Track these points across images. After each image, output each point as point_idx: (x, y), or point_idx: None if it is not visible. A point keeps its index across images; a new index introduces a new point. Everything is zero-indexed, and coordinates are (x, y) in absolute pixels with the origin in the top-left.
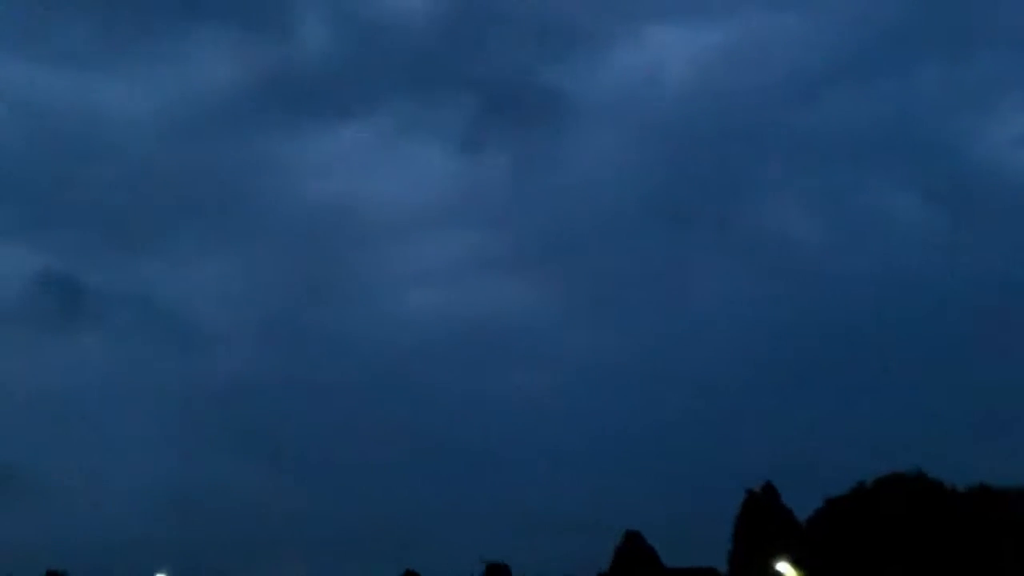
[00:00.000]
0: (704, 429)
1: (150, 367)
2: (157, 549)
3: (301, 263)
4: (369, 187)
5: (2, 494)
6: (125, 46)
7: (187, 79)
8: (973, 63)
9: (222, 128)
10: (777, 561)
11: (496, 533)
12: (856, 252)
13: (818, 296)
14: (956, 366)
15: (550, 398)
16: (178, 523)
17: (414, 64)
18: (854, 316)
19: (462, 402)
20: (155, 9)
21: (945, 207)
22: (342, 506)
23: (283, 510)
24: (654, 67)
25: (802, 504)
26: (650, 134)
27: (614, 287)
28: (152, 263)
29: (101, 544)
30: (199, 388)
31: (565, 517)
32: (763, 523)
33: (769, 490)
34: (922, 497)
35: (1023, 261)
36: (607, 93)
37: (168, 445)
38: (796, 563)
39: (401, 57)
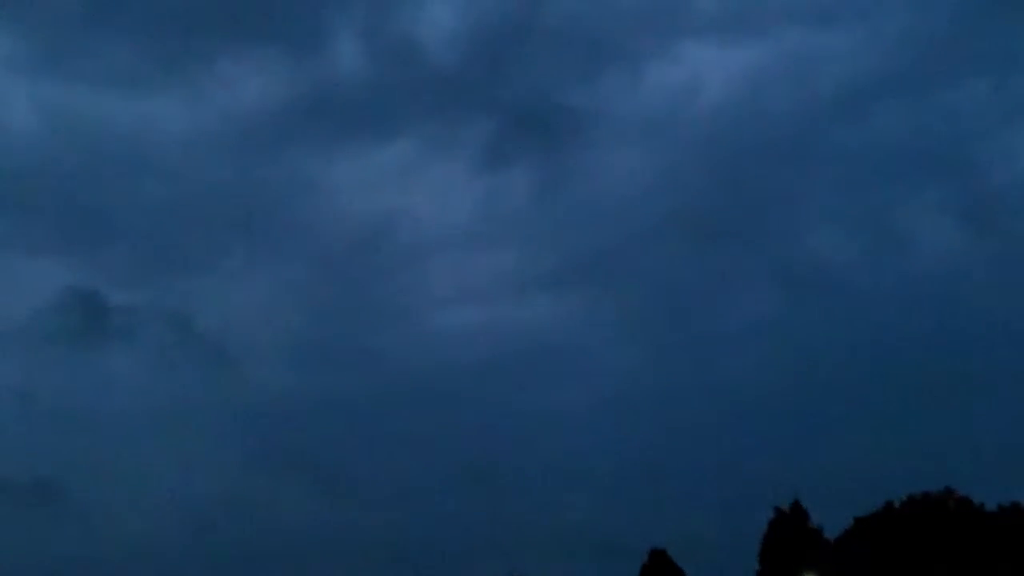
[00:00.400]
0: (733, 446)
1: (187, 386)
2: (188, 568)
3: (338, 282)
4: (406, 206)
5: (39, 510)
6: (167, 65)
7: (227, 99)
8: (1019, 80)
9: (260, 148)
10: None
11: (524, 552)
12: (890, 271)
13: (850, 315)
14: (986, 385)
15: (582, 417)
16: (209, 541)
17: (446, 83)
18: (885, 335)
19: (494, 421)
20: (197, 29)
21: (983, 226)
22: (373, 525)
23: (315, 529)
24: (690, 84)
25: (831, 523)
26: (685, 152)
27: (649, 306)
28: (191, 281)
29: (133, 561)
30: (235, 407)
31: (592, 535)
32: (790, 541)
33: (797, 508)
34: (952, 516)
35: None
36: (642, 110)
37: (202, 464)
38: None
39: (434, 75)
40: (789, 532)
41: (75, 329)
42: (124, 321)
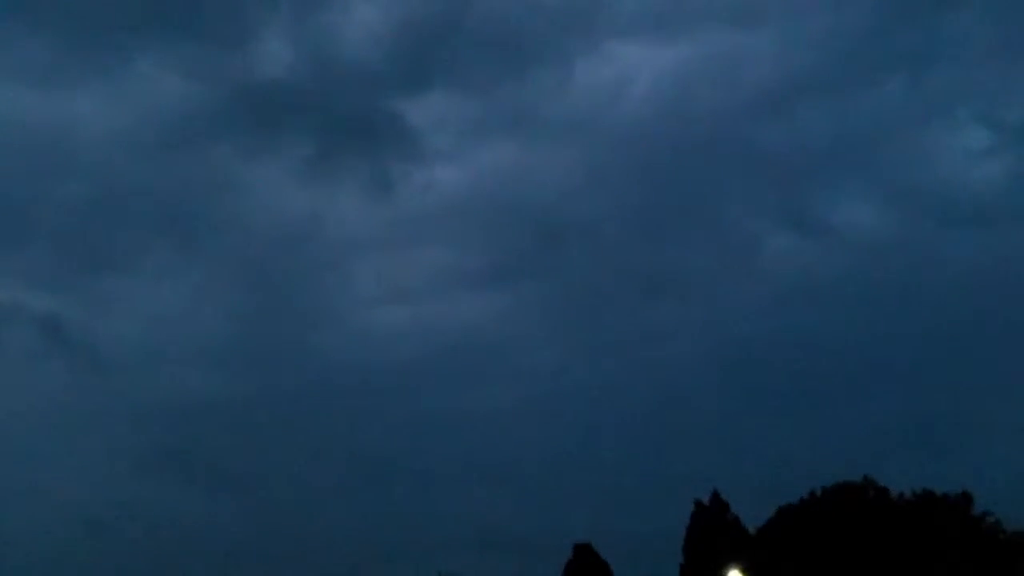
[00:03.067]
0: (657, 441)
1: (103, 387)
2: (79, 572)
3: (262, 282)
4: (331, 205)
5: None
6: (86, 62)
7: (148, 97)
8: (934, 77)
9: (181, 147)
10: (727, 571)
11: (451, 550)
12: (812, 264)
13: (773, 307)
14: (902, 376)
15: (506, 415)
16: (103, 545)
17: (374, 76)
18: (806, 327)
19: (416, 420)
20: (118, 25)
21: (907, 220)
22: (299, 527)
23: (237, 533)
24: (617, 84)
25: (754, 514)
26: (615, 150)
27: (573, 304)
28: (110, 282)
29: (22, 566)
30: (139, 409)
31: (517, 531)
32: (712, 533)
33: (717, 500)
34: (869, 504)
35: (977, 273)
36: (572, 109)
37: (97, 468)
38: (746, 572)
39: (360, 71)
40: (711, 524)
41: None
42: (52, 325)
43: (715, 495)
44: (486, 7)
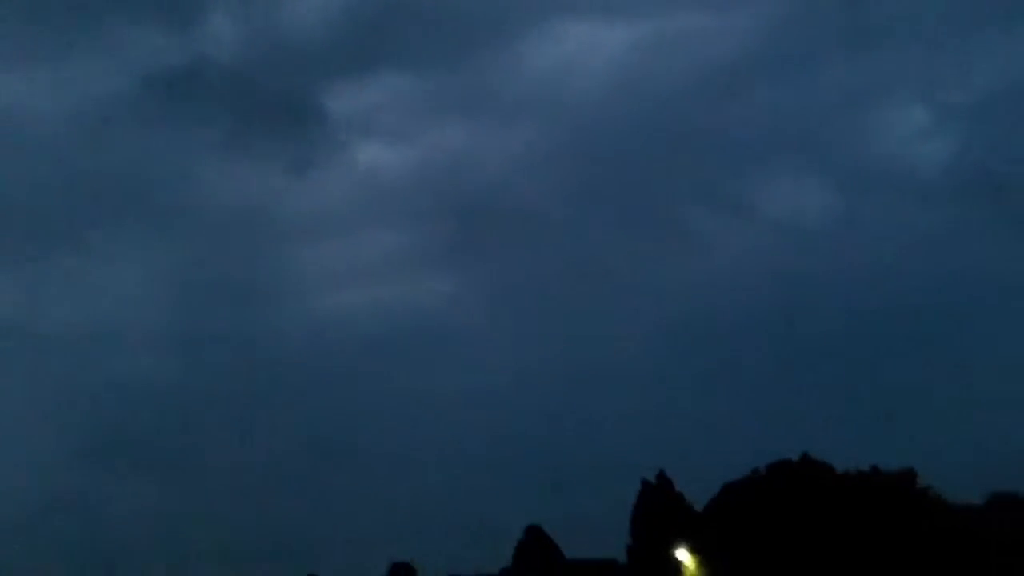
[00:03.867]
0: (605, 422)
1: (44, 370)
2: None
3: (210, 265)
4: (282, 186)
5: None
6: (26, 44)
7: (91, 78)
8: (875, 58)
9: (125, 128)
10: (675, 548)
11: (402, 534)
12: (758, 245)
13: (716, 285)
14: (847, 353)
15: (456, 399)
16: (43, 537)
17: (328, 53)
18: (748, 309)
19: (370, 404)
20: (61, 7)
21: (848, 200)
22: (248, 514)
23: (186, 520)
24: (568, 63)
25: (704, 492)
26: (565, 131)
27: (529, 286)
28: (53, 267)
29: None
30: (97, 394)
31: (471, 516)
32: (659, 512)
33: (663, 479)
34: (812, 481)
35: (918, 250)
36: (521, 87)
37: (53, 453)
38: (693, 550)
39: (306, 52)
40: (658, 503)
41: None
42: None
43: (661, 474)
44: None
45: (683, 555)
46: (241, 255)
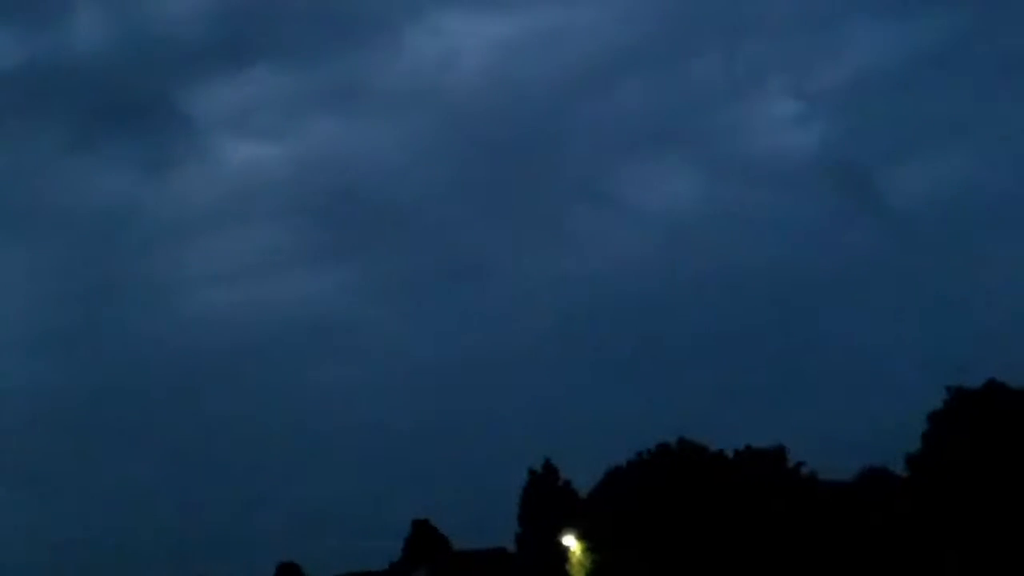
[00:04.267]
0: (490, 413)
1: None
2: None
3: (86, 266)
4: (154, 183)
5: None
6: None
7: None
8: (746, 50)
9: None
10: (562, 535)
11: (288, 534)
12: (635, 235)
13: (598, 277)
14: (722, 340)
15: (345, 395)
16: None
17: (200, 49)
18: (629, 302)
19: (250, 404)
20: None
21: (722, 189)
22: (127, 519)
23: (63, 526)
24: (447, 55)
25: (591, 479)
26: (443, 124)
27: (410, 281)
28: None
29: None
30: None
31: (359, 513)
32: (546, 500)
33: (549, 468)
34: (691, 463)
35: (789, 238)
36: (400, 80)
37: None
38: (580, 536)
39: (182, 44)
40: (544, 492)
41: None
42: None
43: (547, 463)
44: None
45: (570, 541)
46: (104, 257)
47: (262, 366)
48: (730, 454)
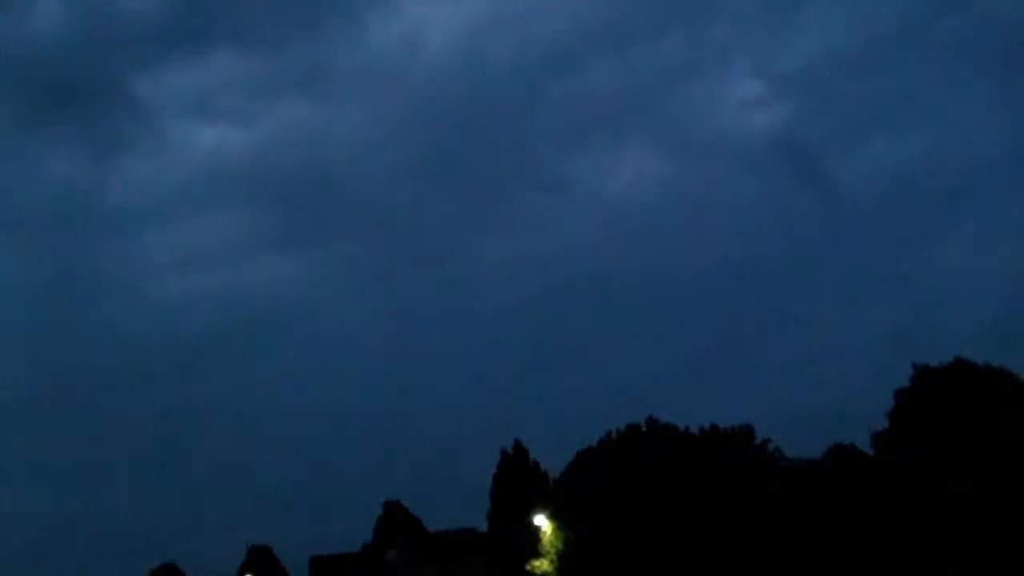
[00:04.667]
0: (460, 394)
1: None
2: None
3: (43, 255)
4: (115, 170)
5: None
6: None
7: None
8: (711, 30)
9: None
10: (533, 516)
11: (261, 519)
12: (595, 220)
13: (559, 264)
14: (688, 319)
15: (318, 377)
16: None
17: (162, 33)
18: (592, 282)
19: (216, 389)
20: None
21: (686, 168)
22: (97, 505)
23: (33, 514)
24: (414, 38)
25: (560, 461)
26: (409, 107)
27: (378, 263)
28: None
29: None
30: None
31: (330, 495)
32: (517, 481)
33: (520, 449)
34: (659, 442)
35: (752, 217)
36: (365, 62)
37: None
38: (551, 516)
39: (145, 27)
40: (515, 472)
41: None
42: None
43: (517, 444)
44: None
45: (541, 521)
46: (75, 243)
47: (223, 351)
48: (696, 433)
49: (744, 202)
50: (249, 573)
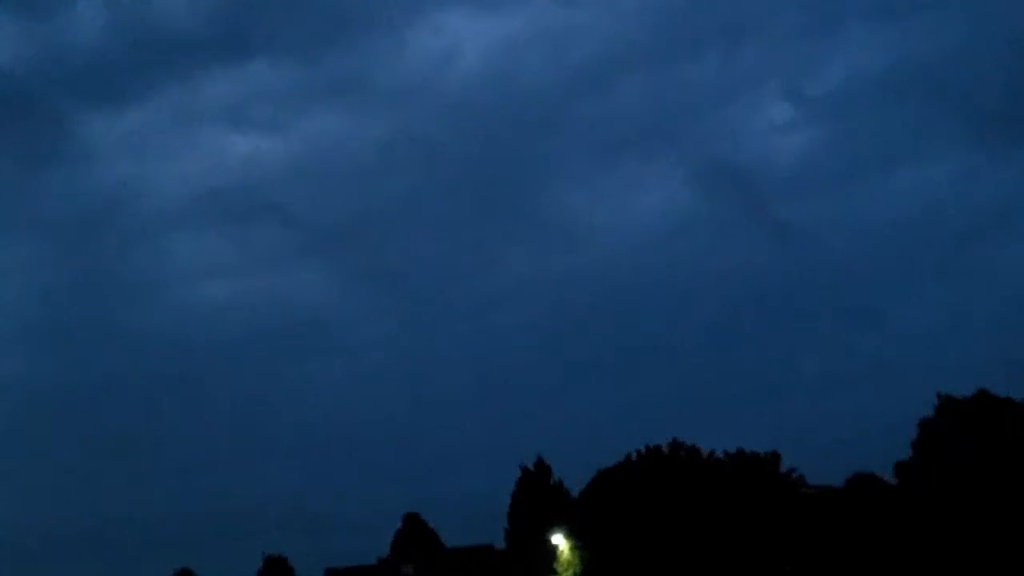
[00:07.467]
0: (484, 410)
1: None
2: None
3: (73, 258)
4: (145, 175)
5: None
6: None
7: None
8: (744, 53)
9: None
10: (551, 534)
11: (281, 530)
12: (631, 235)
13: (594, 275)
14: (714, 343)
15: (339, 389)
16: None
17: (191, 47)
18: (620, 294)
19: (239, 397)
20: None
21: (714, 192)
22: (116, 509)
23: (53, 516)
24: (449, 53)
25: (581, 479)
26: (442, 120)
27: (405, 275)
28: None
29: None
30: None
31: (348, 506)
32: (537, 498)
33: (541, 466)
34: (680, 464)
35: (778, 242)
36: (402, 76)
37: None
38: (569, 535)
39: (178, 39)
40: (535, 489)
41: None
42: None
43: (539, 461)
44: None
45: (559, 540)
46: (105, 247)
47: (252, 361)
48: (722, 456)
49: (769, 227)
50: None
